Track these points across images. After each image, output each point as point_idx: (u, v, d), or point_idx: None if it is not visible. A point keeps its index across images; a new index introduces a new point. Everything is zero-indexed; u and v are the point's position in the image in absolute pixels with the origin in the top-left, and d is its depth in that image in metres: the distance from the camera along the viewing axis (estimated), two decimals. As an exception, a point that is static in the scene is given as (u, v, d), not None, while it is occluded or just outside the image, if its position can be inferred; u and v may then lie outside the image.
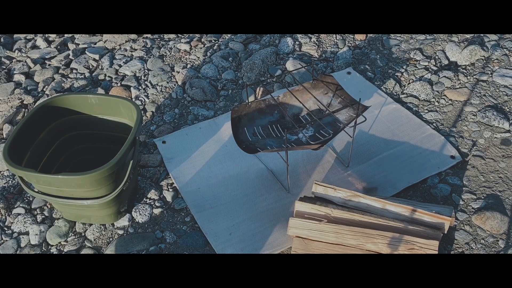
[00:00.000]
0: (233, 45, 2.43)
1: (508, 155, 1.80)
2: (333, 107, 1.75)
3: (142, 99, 2.15)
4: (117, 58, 2.39)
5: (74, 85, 2.23)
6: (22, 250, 1.58)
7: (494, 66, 2.19)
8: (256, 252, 1.52)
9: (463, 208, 1.63)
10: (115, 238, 1.61)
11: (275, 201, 1.67)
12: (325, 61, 2.33)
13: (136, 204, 1.70)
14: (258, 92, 2.11)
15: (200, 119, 2.05)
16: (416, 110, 2.02)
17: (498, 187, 1.69)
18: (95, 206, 1.50)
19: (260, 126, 1.72)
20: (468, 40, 2.32)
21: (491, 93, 2.07)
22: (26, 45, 2.51)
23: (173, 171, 1.80)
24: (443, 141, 1.85)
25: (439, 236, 1.41)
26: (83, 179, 1.38)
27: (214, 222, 1.62)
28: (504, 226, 1.55)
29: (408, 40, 2.43)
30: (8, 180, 1.80)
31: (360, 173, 1.75)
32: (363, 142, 1.87)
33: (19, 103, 2.13)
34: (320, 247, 1.44)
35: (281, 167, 1.78)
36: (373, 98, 2.08)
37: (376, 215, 1.48)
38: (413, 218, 1.47)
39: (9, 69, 2.35)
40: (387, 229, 1.43)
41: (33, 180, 1.44)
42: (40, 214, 1.68)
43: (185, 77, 2.23)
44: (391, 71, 2.24)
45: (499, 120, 1.92)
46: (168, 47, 2.45)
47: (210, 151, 1.88)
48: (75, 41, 2.55)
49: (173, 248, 1.56)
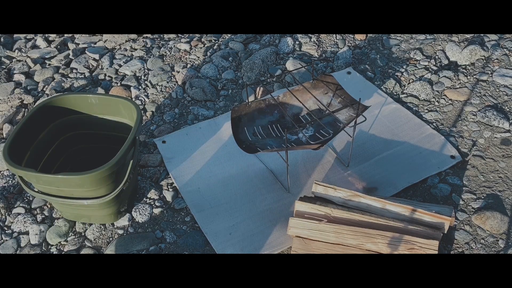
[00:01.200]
0: (233, 45, 2.43)
1: (508, 155, 1.80)
2: (333, 107, 1.75)
3: (142, 99, 2.15)
4: (117, 58, 2.39)
5: (74, 85, 2.23)
6: (22, 249, 1.58)
7: (494, 66, 2.19)
8: (256, 252, 1.52)
9: (463, 208, 1.63)
10: (115, 238, 1.61)
11: (275, 201, 1.67)
12: (325, 61, 2.33)
13: (136, 204, 1.70)
14: (258, 92, 2.11)
15: (200, 119, 2.05)
16: (416, 110, 2.02)
17: (498, 187, 1.69)
18: (95, 205, 1.50)
19: (260, 126, 1.72)
20: (468, 40, 2.32)
21: (491, 93, 2.07)
22: (26, 45, 2.51)
23: (173, 171, 1.80)
24: (443, 141, 1.85)
25: (439, 236, 1.41)
26: (83, 179, 1.38)
27: (214, 222, 1.62)
28: (504, 226, 1.55)
29: (408, 40, 2.42)
30: (8, 180, 1.80)
31: (360, 173, 1.75)
32: (363, 142, 1.87)
33: (19, 103, 2.13)
34: (320, 247, 1.44)
35: (281, 167, 1.78)
36: (373, 98, 2.08)
37: (376, 215, 1.48)
38: (413, 218, 1.47)
39: (9, 69, 2.35)
40: (387, 229, 1.43)
41: (33, 180, 1.44)
42: (40, 213, 1.68)
43: (185, 77, 2.23)
44: (391, 71, 2.24)
45: (499, 120, 1.92)
46: (168, 47, 2.45)
47: (210, 151, 1.88)
48: (75, 41, 2.55)
49: (173, 248, 1.56)
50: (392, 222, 1.44)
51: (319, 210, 1.48)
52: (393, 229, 1.43)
